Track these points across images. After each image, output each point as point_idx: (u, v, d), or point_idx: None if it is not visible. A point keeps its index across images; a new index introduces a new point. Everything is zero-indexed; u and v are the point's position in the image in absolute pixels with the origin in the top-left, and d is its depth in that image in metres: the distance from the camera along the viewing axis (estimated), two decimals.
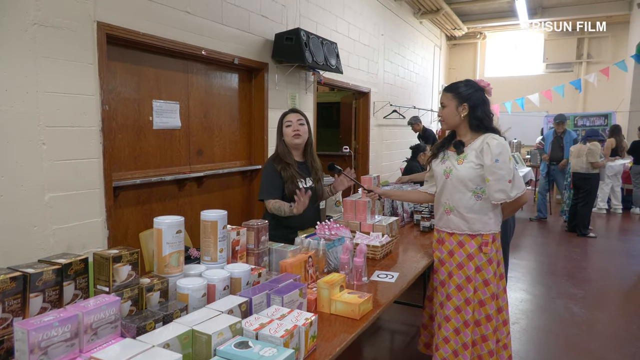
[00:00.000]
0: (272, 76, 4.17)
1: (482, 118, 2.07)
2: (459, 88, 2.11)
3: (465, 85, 2.11)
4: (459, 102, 2.10)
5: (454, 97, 2.11)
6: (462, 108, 2.10)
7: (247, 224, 1.82)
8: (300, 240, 2.05)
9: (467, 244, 2.10)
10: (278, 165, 2.48)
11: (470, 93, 2.08)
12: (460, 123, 2.12)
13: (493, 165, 1.98)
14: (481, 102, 2.08)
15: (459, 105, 2.10)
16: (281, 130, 2.53)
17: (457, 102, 2.10)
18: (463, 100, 2.09)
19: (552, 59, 10.31)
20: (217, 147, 3.80)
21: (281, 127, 2.53)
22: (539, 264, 4.96)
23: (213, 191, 3.79)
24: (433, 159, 2.27)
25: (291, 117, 2.53)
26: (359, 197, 2.84)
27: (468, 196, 2.08)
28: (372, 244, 2.32)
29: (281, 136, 2.53)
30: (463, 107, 2.09)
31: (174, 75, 3.35)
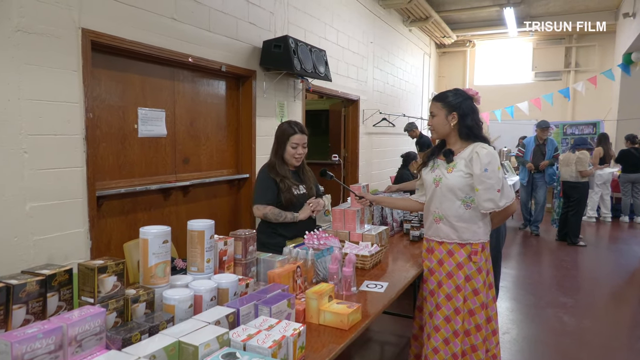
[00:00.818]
0: (260, 84, 4.21)
1: (472, 126, 2.13)
2: (447, 97, 2.17)
3: (454, 95, 2.17)
4: (448, 111, 2.15)
5: (443, 106, 2.16)
6: (451, 117, 2.15)
7: (235, 234, 1.83)
8: (288, 250, 2.07)
9: (457, 252, 2.14)
10: (273, 174, 2.55)
11: (460, 102, 2.14)
12: (450, 132, 2.17)
13: (482, 175, 2.03)
14: (470, 110, 2.13)
15: (449, 114, 2.15)
16: (283, 144, 2.57)
17: (446, 111, 2.16)
18: (452, 109, 2.14)
19: (541, 67, 10.52)
20: (203, 155, 3.80)
21: (284, 141, 2.57)
22: (529, 273, 5.03)
23: (199, 200, 3.79)
24: (423, 167, 2.31)
25: (298, 139, 2.58)
26: (348, 206, 2.87)
27: (457, 205, 2.12)
28: (361, 253, 2.34)
29: (281, 150, 2.57)
30: (452, 116, 2.15)
31: (160, 83, 3.37)
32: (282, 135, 2.61)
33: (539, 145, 6.69)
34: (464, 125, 2.13)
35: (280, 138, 2.62)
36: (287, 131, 2.60)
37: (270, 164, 2.61)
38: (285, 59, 4.05)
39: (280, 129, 2.65)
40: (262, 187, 2.57)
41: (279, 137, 2.63)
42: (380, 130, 7.27)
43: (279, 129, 2.66)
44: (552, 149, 6.66)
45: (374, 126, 6.98)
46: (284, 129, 2.63)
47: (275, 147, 2.64)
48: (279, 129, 2.65)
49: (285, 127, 2.64)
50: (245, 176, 4.16)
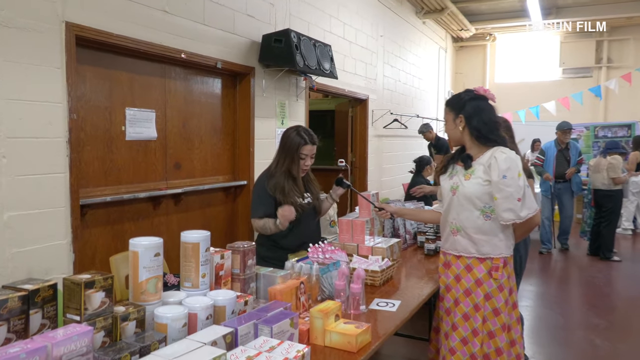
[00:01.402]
0: (259, 82, 4.25)
1: (480, 128, 2.15)
2: (455, 99, 2.24)
3: (459, 97, 2.22)
4: (454, 115, 2.22)
5: (450, 110, 2.23)
6: (458, 120, 2.20)
7: (232, 247, 1.85)
8: (290, 264, 2.09)
9: (476, 268, 2.15)
10: (272, 188, 2.55)
11: (464, 103, 2.18)
12: (463, 136, 2.21)
13: (500, 182, 2.05)
14: (477, 110, 2.17)
15: (455, 118, 2.21)
16: (291, 156, 2.58)
17: (453, 115, 2.22)
18: (458, 111, 2.20)
19: (569, 63, 10.52)
20: (197, 160, 3.84)
21: (293, 153, 2.57)
22: (556, 291, 5.02)
23: (192, 210, 3.81)
24: (442, 173, 2.34)
25: (308, 150, 2.61)
26: (356, 217, 2.89)
27: (476, 215, 2.14)
28: (371, 268, 2.36)
29: (288, 162, 2.58)
30: (459, 119, 2.20)
31: (150, 81, 3.41)
32: (290, 145, 2.59)
33: (561, 151, 6.44)
34: (472, 127, 2.16)
35: (288, 148, 2.59)
36: (296, 141, 2.58)
37: (270, 174, 2.61)
38: (287, 54, 4.10)
39: (288, 137, 2.61)
40: (257, 201, 2.60)
41: (286, 147, 2.60)
42: (391, 133, 7.29)
43: (286, 136, 2.63)
44: (577, 153, 6.47)
45: (385, 128, 7.02)
46: (292, 138, 2.60)
47: (279, 156, 2.63)
48: (286, 136, 2.63)
49: (293, 135, 2.60)
50: (243, 183, 4.19)
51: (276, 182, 2.57)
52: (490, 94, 2.23)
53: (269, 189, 2.56)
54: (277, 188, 2.56)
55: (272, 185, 2.57)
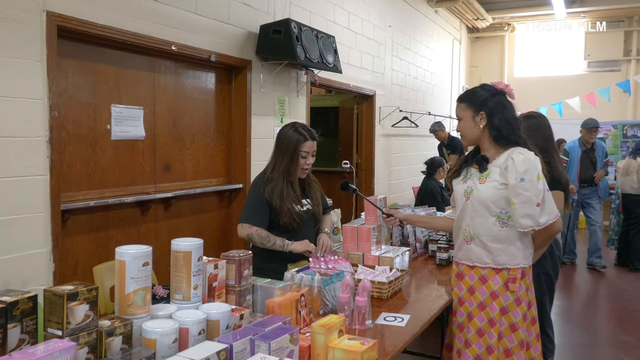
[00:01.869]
0: (256, 76, 4.27)
1: (501, 127, 2.15)
2: (472, 95, 2.22)
3: (479, 91, 2.21)
4: (474, 112, 2.19)
5: (469, 107, 2.21)
6: (479, 118, 2.19)
7: (227, 256, 1.86)
8: (290, 275, 2.10)
9: (491, 279, 2.15)
10: (269, 194, 2.53)
11: (486, 99, 2.18)
12: (482, 136, 2.21)
13: (518, 185, 2.05)
14: (500, 107, 2.17)
15: (476, 115, 2.19)
16: (290, 155, 2.56)
17: (472, 111, 2.20)
18: (479, 108, 2.18)
19: (595, 55, 10.52)
20: (188, 161, 3.86)
21: (292, 151, 2.56)
22: (581, 305, 5.01)
23: (183, 215, 3.83)
24: (454, 177, 2.34)
25: (309, 146, 2.59)
26: (362, 223, 2.89)
27: (491, 222, 2.14)
28: (377, 280, 2.36)
29: (287, 162, 2.56)
30: (480, 116, 2.18)
31: (138, 75, 3.43)
32: (288, 144, 2.57)
33: (586, 152, 6.24)
34: (493, 126, 2.16)
35: (286, 147, 2.57)
36: (294, 138, 2.56)
37: (267, 178, 2.58)
38: (287, 46, 4.11)
39: (285, 136, 2.59)
40: (251, 207, 2.58)
41: (283, 146, 2.58)
42: (400, 132, 7.30)
43: (282, 135, 2.62)
44: (603, 154, 6.29)
45: (393, 127, 7.03)
46: (289, 135, 2.58)
47: (276, 157, 2.60)
48: (283, 135, 2.61)
49: (290, 133, 2.58)
50: (239, 186, 4.20)
51: (274, 186, 2.54)
52: (510, 89, 2.23)
53: (266, 194, 2.54)
54: (274, 193, 2.53)
55: (269, 189, 2.54)
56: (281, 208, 2.53)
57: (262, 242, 2.51)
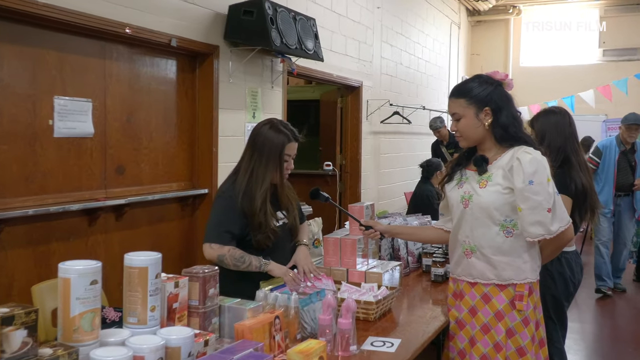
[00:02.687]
0: (224, 64, 4.26)
1: (508, 125, 2.19)
2: (472, 89, 2.23)
3: (479, 84, 2.23)
4: (478, 108, 2.21)
5: (470, 103, 2.22)
6: (484, 114, 2.21)
7: (190, 272, 1.86)
8: (263, 294, 2.10)
9: (495, 297, 2.18)
10: (246, 204, 2.48)
11: (490, 92, 2.20)
12: (485, 135, 2.23)
13: (526, 189, 2.08)
14: (505, 102, 2.20)
15: (479, 112, 2.21)
16: (271, 159, 2.52)
17: (475, 108, 2.21)
18: (483, 103, 2.20)
19: (612, 42, 10.69)
20: (145, 163, 3.83)
21: (274, 155, 2.52)
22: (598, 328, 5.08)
23: (139, 226, 3.80)
24: (447, 182, 2.37)
25: (292, 149, 2.58)
26: (347, 234, 2.91)
27: (494, 231, 2.17)
28: (364, 299, 2.37)
29: (265, 166, 2.51)
30: (485, 112, 2.20)
31: (86, 63, 3.40)
32: (270, 146, 2.51)
33: (625, 153, 5.91)
34: (499, 124, 2.19)
35: (268, 150, 2.51)
36: (277, 140, 2.51)
37: (240, 186, 2.51)
38: (260, 30, 4.12)
39: (264, 136, 2.53)
40: (220, 222, 2.50)
41: (264, 149, 2.51)
42: (391, 129, 7.35)
43: (259, 135, 2.55)
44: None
45: (383, 123, 7.07)
46: (270, 136, 2.52)
47: (252, 162, 2.52)
48: (261, 135, 2.55)
49: (271, 133, 2.52)
50: (203, 192, 4.18)
51: (251, 196, 2.47)
52: (510, 80, 2.26)
53: (240, 205, 2.48)
54: (252, 205, 2.46)
55: (245, 200, 2.48)
56: (257, 223, 2.48)
57: (236, 264, 2.43)
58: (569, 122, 3.01)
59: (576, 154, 2.93)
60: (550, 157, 2.57)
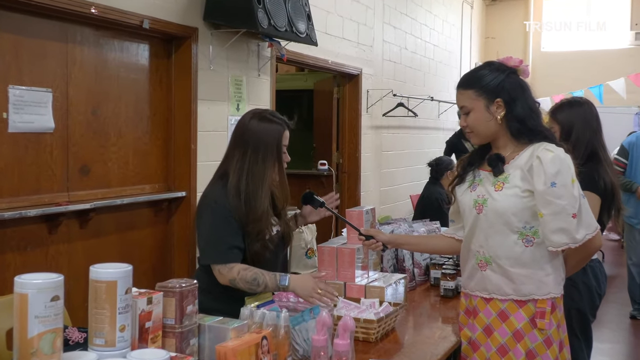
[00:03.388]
0: (203, 49, 4.25)
1: (524, 117, 2.19)
2: (482, 78, 2.24)
3: (489, 72, 2.24)
4: (488, 99, 2.22)
5: (479, 94, 2.23)
6: (495, 107, 2.21)
7: (164, 287, 1.85)
8: (248, 311, 2.09)
9: (513, 315, 2.18)
10: (246, 206, 2.47)
11: (502, 80, 2.21)
12: (499, 129, 2.24)
13: (548, 192, 2.09)
14: (519, 91, 2.21)
15: (490, 104, 2.22)
16: (272, 150, 2.52)
17: (485, 99, 2.22)
18: (494, 94, 2.21)
19: None
20: (113, 162, 3.82)
21: (273, 145, 2.53)
22: (631, 349, 5.09)
23: (106, 234, 3.79)
24: (458, 184, 2.37)
25: (287, 137, 2.59)
26: (344, 243, 2.91)
27: (512, 240, 2.17)
28: (363, 317, 2.38)
29: (271, 161, 2.52)
30: (497, 104, 2.21)
31: (45, 47, 3.39)
32: (266, 139, 2.51)
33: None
34: (513, 116, 2.19)
35: (263, 143, 2.50)
36: (272, 130, 2.52)
37: (236, 192, 2.49)
38: (244, 9, 4.11)
39: (253, 130, 2.52)
40: (222, 237, 2.47)
41: (259, 143, 2.50)
42: (394, 123, 7.36)
43: (247, 129, 2.55)
44: None
45: (385, 116, 7.07)
46: (262, 127, 2.52)
47: (248, 161, 2.51)
48: (249, 129, 2.54)
49: (262, 125, 2.52)
50: (180, 195, 4.17)
51: (254, 203, 2.47)
52: (525, 66, 2.26)
53: (244, 213, 2.47)
54: (255, 211, 2.47)
55: (248, 208, 2.47)
56: (257, 232, 2.48)
57: (250, 287, 2.42)
58: (596, 114, 3.03)
59: (603, 149, 2.96)
60: (576, 153, 2.59)
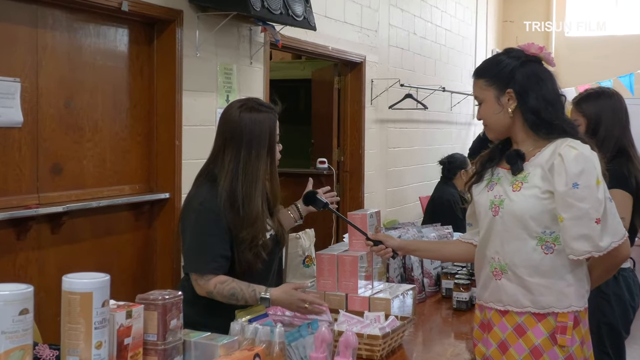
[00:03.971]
0: (189, 34, 4.25)
1: (539, 109, 2.19)
2: (494, 66, 2.26)
3: (505, 59, 2.25)
4: (499, 90, 2.23)
5: (490, 83, 2.25)
6: (506, 98, 2.22)
7: (146, 299, 1.85)
8: (239, 326, 2.09)
9: (531, 330, 2.18)
10: (243, 208, 2.49)
11: (513, 69, 2.21)
12: (513, 123, 2.24)
13: (569, 193, 2.09)
14: (534, 80, 2.21)
15: (501, 95, 2.23)
16: (265, 143, 2.54)
17: (495, 89, 2.24)
18: (504, 84, 2.22)
19: None
20: (88, 160, 3.82)
21: (268, 137, 2.55)
22: None
23: (81, 240, 3.79)
24: (475, 182, 2.38)
25: (278, 127, 2.62)
26: (345, 250, 2.91)
27: (531, 247, 2.17)
28: (367, 332, 2.38)
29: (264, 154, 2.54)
30: (508, 95, 2.22)
31: (13, 32, 3.39)
32: (257, 131, 2.53)
33: None
34: (527, 108, 2.20)
35: (256, 137, 2.53)
36: (264, 120, 2.54)
37: (230, 194, 2.51)
38: None
39: (242, 122, 2.54)
40: (210, 244, 2.50)
41: (252, 137, 2.52)
42: (402, 116, 7.36)
43: (235, 123, 2.56)
44: None
45: (392, 109, 7.08)
46: (253, 120, 2.53)
47: (242, 158, 2.53)
48: (237, 122, 2.55)
49: (251, 117, 2.53)
50: (164, 196, 4.17)
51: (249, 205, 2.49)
52: (548, 53, 2.27)
53: (239, 217, 2.49)
54: (256, 218, 2.50)
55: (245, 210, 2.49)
56: (251, 239, 2.50)
57: (229, 301, 2.46)
58: (625, 107, 3.05)
59: (632, 145, 2.97)
60: (604, 150, 2.59)
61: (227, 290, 2.45)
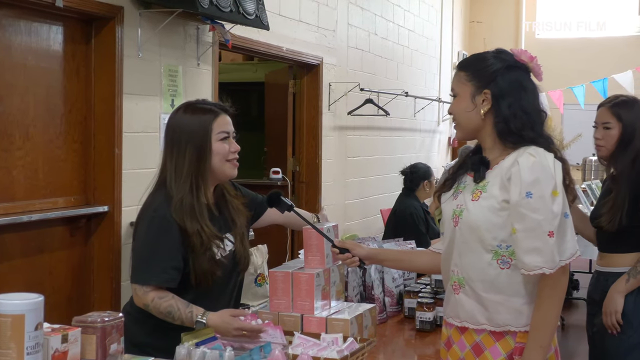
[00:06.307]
0: (131, 32, 4.23)
1: (509, 118, 2.20)
2: (479, 62, 2.29)
3: (491, 58, 2.28)
4: (476, 87, 2.25)
5: (470, 78, 2.27)
6: (481, 98, 2.24)
7: (83, 322, 1.85)
8: (185, 350, 2.10)
9: (489, 349, 2.20)
10: (187, 221, 2.50)
11: (496, 71, 2.24)
12: (482, 127, 2.27)
13: (522, 203, 2.10)
14: (515, 88, 2.23)
15: (477, 94, 2.24)
16: (199, 142, 2.55)
17: (473, 86, 2.25)
18: (484, 83, 2.24)
19: None
20: (18, 170, 3.78)
21: (200, 137, 2.56)
22: None
23: (11, 258, 3.75)
24: (444, 190, 2.41)
25: (225, 122, 2.61)
26: (301, 267, 2.92)
27: (486, 260, 2.19)
28: (324, 355, 2.39)
29: (201, 156, 2.55)
30: (484, 95, 2.23)
31: None
32: (192, 132, 2.55)
33: None
34: (500, 114, 2.21)
35: (190, 137, 2.55)
36: (199, 121, 2.56)
37: (175, 197, 2.53)
38: None
39: (181, 123, 2.59)
40: (158, 253, 2.50)
41: (190, 138, 2.55)
42: (362, 123, 7.39)
43: (175, 124, 2.61)
44: None
45: (351, 115, 7.10)
46: (187, 120, 2.57)
47: (175, 160, 2.56)
48: (177, 123, 2.60)
49: (186, 117, 2.58)
50: (102, 209, 4.14)
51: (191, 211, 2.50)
52: (538, 65, 2.29)
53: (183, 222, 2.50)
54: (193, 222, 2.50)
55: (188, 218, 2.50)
56: (198, 238, 2.50)
57: (165, 318, 2.46)
58: None
59: None
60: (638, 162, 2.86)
61: (164, 307, 2.44)
